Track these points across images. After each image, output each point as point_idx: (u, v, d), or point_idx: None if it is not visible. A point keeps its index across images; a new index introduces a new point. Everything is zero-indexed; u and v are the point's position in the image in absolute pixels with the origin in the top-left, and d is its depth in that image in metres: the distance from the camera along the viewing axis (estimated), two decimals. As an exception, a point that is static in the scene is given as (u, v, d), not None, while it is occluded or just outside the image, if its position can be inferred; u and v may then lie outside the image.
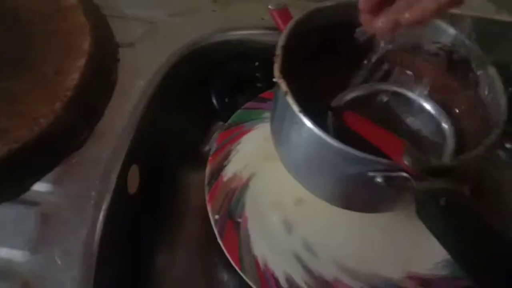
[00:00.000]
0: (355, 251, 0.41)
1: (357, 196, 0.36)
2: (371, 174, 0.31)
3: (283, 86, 0.33)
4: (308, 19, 0.38)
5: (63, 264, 0.35)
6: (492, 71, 0.36)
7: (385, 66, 0.42)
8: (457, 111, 0.39)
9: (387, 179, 0.30)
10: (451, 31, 0.38)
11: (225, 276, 0.46)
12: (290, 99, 0.32)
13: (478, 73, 0.37)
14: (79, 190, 0.39)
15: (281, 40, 0.36)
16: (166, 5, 0.54)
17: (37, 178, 0.39)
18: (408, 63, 0.42)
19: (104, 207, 0.38)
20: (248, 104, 0.51)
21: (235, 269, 0.40)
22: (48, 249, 0.36)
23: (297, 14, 0.39)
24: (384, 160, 0.30)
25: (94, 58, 0.44)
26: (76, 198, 0.38)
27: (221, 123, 0.53)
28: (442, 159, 0.37)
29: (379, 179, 0.31)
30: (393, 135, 0.33)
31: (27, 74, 0.42)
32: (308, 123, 0.31)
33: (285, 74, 0.35)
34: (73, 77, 0.42)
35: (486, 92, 0.36)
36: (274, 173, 0.45)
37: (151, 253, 0.47)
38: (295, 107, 0.32)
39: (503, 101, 0.34)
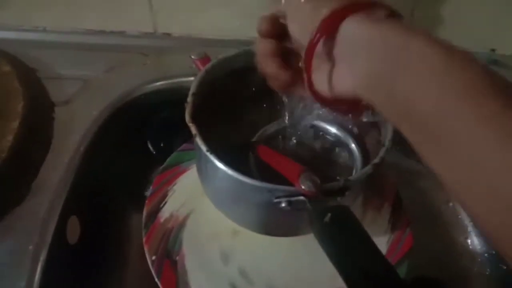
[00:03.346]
0: (286, 274, 0.44)
1: (273, 222, 0.39)
2: (276, 200, 0.34)
3: (193, 129, 0.37)
4: (217, 67, 0.43)
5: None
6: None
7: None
8: (359, 134, 0.44)
9: (289, 203, 0.34)
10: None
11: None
12: (199, 140, 0.36)
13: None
14: (17, 245, 0.41)
15: (192, 88, 0.40)
16: (98, 62, 0.58)
17: (-26, 239, 0.41)
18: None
19: (42, 258, 0.40)
20: (183, 146, 0.55)
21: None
22: (-15, 306, 0.37)
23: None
24: (282, 187, 0.33)
25: (28, 119, 0.47)
26: (14, 254, 0.40)
27: (160, 167, 0.56)
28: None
29: (283, 204, 0.34)
30: (292, 161, 0.36)
31: (-39, 141, 0.44)
32: (214, 160, 0.34)
33: (203, 117, 0.39)
34: (8, 139, 0.45)
35: (378, 115, 0.41)
36: (209, 209, 0.47)
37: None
38: (203, 147, 0.35)
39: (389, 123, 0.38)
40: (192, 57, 0.49)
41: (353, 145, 0.43)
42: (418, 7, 0.57)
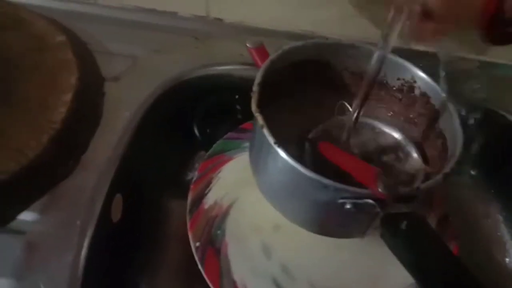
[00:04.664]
0: (328, 273, 0.43)
1: (329, 222, 0.38)
2: (341, 201, 0.33)
3: (260, 119, 0.36)
4: (282, 58, 0.42)
5: (48, 291, 0.36)
6: (449, 105, 0.39)
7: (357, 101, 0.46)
8: (421, 141, 0.43)
9: (355, 205, 0.33)
10: (412, 68, 0.42)
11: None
12: (266, 132, 0.35)
13: (437, 107, 0.41)
14: (64, 218, 0.40)
15: (257, 78, 0.39)
16: (148, 41, 0.57)
17: (23, 208, 0.40)
18: (377, 98, 0.46)
19: (89, 234, 0.40)
20: (228, 135, 0.54)
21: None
22: (33, 276, 0.37)
23: (272, 52, 0.42)
24: (352, 188, 0.32)
25: (81, 92, 0.46)
26: (62, 226, 0.40)
27: (203, 152, 0.55)
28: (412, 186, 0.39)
29: (348, 206, 0.33)
30: (365, 163, 0.35)
31: (14, 108, 0.44)
32: (282, 153, 0.34)
33: (262, 108, 0.38)
34: (61, 111, 0.44)
35: (445, 125, 0.40)
36: (253, 200, 0.47)
37: (135, 279, 0.48)
38: (271, 139, 0.35)
39: (459, 133, 0.37)
40: (248, 45, 0.48)
41: (415, 154, 0.42)
42: None
